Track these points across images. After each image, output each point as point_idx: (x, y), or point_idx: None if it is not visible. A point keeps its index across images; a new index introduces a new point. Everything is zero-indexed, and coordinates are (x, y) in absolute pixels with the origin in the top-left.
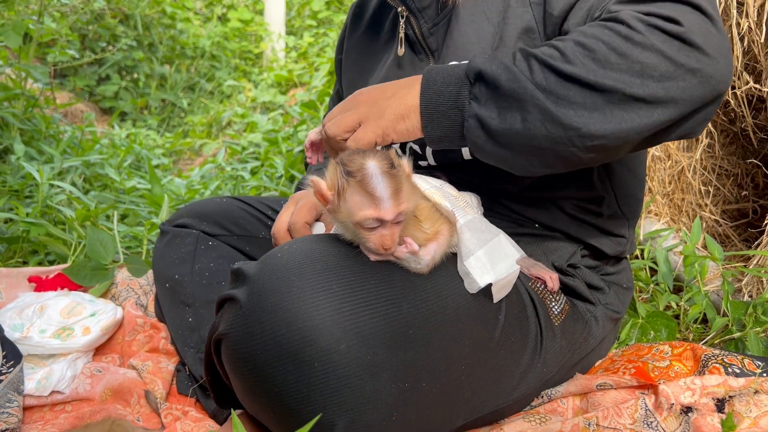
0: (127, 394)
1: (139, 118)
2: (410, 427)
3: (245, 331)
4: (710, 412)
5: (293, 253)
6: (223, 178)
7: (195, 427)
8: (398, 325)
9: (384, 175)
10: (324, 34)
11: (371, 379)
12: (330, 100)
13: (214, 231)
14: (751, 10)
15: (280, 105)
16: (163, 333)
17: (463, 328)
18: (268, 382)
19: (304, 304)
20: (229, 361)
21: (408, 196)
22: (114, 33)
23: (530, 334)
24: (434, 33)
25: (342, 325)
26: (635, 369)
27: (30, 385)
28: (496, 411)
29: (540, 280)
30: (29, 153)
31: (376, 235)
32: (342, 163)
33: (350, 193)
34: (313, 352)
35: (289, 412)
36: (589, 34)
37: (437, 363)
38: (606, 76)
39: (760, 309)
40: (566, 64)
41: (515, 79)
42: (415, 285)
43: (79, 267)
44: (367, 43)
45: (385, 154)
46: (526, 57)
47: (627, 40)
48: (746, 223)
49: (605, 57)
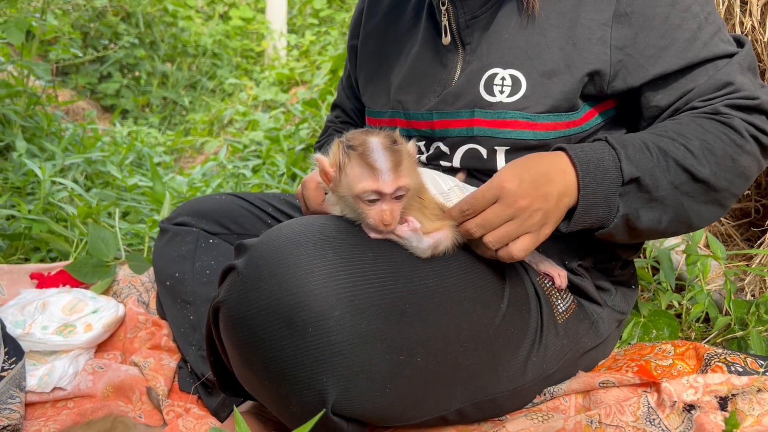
0: (128, 390)
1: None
2: (405, 401)
3: (241, 296)
4: (713, 410)
5: (293, 227)
6: (225, 176)
7: (197, 424)
8: (394, 298)
9: (385, 149)
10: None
11: (365, 348)
12: (339, 84)
13: (213, 229)
14: (755, 9)
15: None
16: (164, 330)
17: (462, 310)
18: (263, 347)
19: (300, 270)
20: (226, 328)
21: (409, 173)
22: (116, 31)
23: (530, 328)
24: (471, 26)
25: (337, 293)
26: (638, 367)
27: (32, 381)
28: (493, 400)
29: (548, 277)
30: (31, 150)
31: (376, 209)
32: (345, 139)
33: (351, 167)
34: (307, 317)
35: (283, 379)
36: (712, 136)
37: (433, 340)
38: (722, 177)
39: (763, 308)
40: (699, 167)
41: (663, 187)
42: (414, 263)
43: (80, 264)
44: (387, 30)
45: (389, 133)
46: (664, 156)
47: (740, 148)
48: (748, 222)
49: (723, 161)
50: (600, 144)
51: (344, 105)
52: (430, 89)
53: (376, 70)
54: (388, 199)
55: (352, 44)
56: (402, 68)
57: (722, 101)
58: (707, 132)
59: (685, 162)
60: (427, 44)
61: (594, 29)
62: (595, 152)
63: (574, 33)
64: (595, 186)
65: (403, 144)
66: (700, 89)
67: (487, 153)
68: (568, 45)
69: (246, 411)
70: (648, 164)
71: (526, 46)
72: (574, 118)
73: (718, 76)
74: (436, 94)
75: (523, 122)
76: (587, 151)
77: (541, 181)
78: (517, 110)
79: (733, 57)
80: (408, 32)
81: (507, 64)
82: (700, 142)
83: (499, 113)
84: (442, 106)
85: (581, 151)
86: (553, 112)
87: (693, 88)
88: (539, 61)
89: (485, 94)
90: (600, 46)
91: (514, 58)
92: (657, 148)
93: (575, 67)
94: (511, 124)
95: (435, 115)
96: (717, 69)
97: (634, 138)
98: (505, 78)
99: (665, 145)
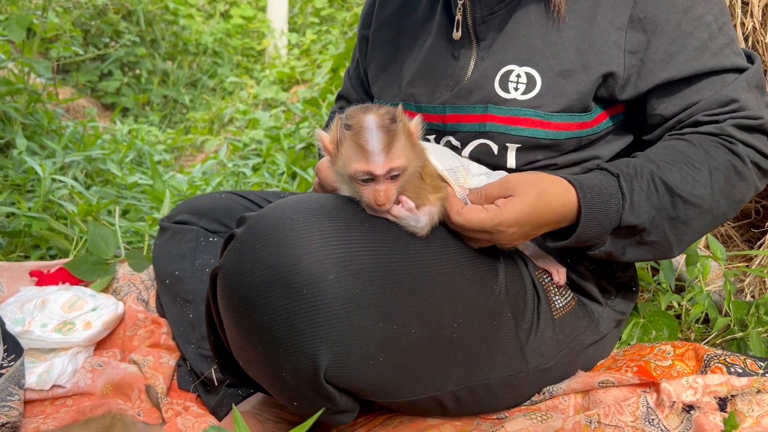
0: (127, 388)
1: (140, 114)
2: (399, 374)
3: (238, 260)
4: (712, 411)
5: (293, 199)
6: (225, 174)
7: (196, 422)
8: (389, 267)
9: (379, 129)
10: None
11: (359, 314)
12: (345, 75)
13: (213, 228)
14: (756, 10)
15: (282, 102)
16: (164, 328)
17: (456, 287)
18: (257, 310)
19: (296, 234)
20: (222, 293)
21: (404, 153)
22: (117, 29)
23: (525, 317)
24: (487, 21)
25: (332, 257)
26: (637, 368)
27: (31, 379)
28: (488, 386)
29: (547, 274)
30: (31, 148)
31: (370, 189)
32: (344, 116)
33: (346, 146)
34: (302, 279)
35: (277, 343)
36: (717, 163)
37: (427, 313)
38: (723, 205)
39: (763, 309)
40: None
41: (658, 233)
42: (410, 237)
43: (80, 261)
44: (400, 21)
45: (389, 109)
46: (671, 194)
47: (740, 176)
48: (749, 224)
49: (725, 189)
50: (610, 183)
51: (350, 96)
52: (443, 83)
53: (388, 61)
54: (382, 180)
55: (363, 34)
56: (415, 60)
57: (727, 120)
58: (714, 159)
59: (692, 196)
60: (441, 37)
61: (610, 32)
62: (603, 194)
63: (591, 34)
64: (594, 227)
65: (402, 122)
66: (704, 103)
67: (498, 149)
68: (584, 45)
69: (245, 411)
70: (651, 212)
71: (543, 45)
72: (586, 119)
73: (724, 92)
74: (448, 88)
75: (536, 120)
76: (596, 192)
77: (534, 230)
78: (531, 108)
79: (742, 74)
80: (422, 24)
81: (523, 62)
82: (708, 170)
83: (512, 110)
84: (455, 100)
85: (591, 191)
86: (567, 111)
87: (698, 101)
88: (555, 60)
89: (500, 90)
90: (615, 49)
91: (531, 56)
92: (664, 186)
93: (591, 68)
94: (525, 121)
95: (448, 109)
96: (724, 84)
97: (643, 173)
98: (521, 75)
99: (673, 178)
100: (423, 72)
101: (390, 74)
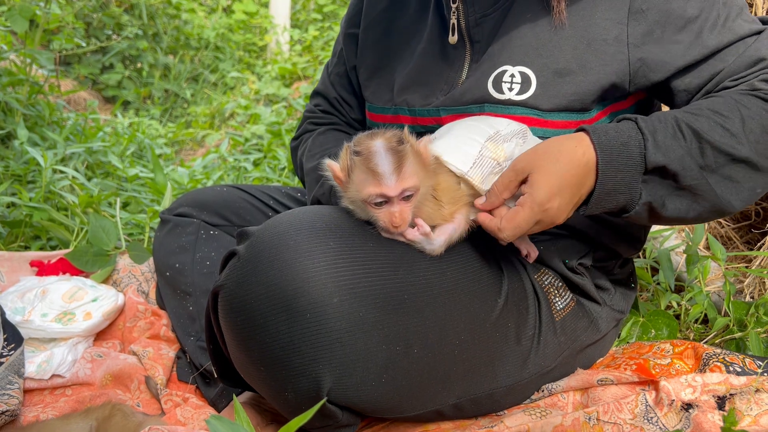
0: (127, 379)
1: (142, 107)
2: (400, 392)
3: (241, 280)
4: (711, 409)
5: (295, 215)
6: (226, 168)
7: (195, 413)
8: (393, 288)
9: (388, 151)
10: (329, 28)
11: (362, 337)
12: (323, 72)
13: (214, 221)
14: (760, 11)
15: (283, 98)
16: (164, 320)
17: (459, 304)
18: (260, 332)
19: (300, 256)
20: (224, 312)
21: (416, 173)
22: (119, 22)
23: (528, 324)
24: (481, 23)
25: (336, 280)
26: (636, 366)
27: (30, 368)
28: (490, 396)
29: (546, 275)
30: (32, 139)
31: (384, 212)
32: (352, 144)
33: (356, 172)
34: (306, 303)
35: (279, 365)
36: (751, 112)
37: (430, 332)
38: (763, 154)
39: (762, 309)
40: (738, 146)
41: (693, 175)
42: (415, 254)
43: (81, 252)
44: (390, 21)
45: (395, 132)
46: (698, 139)
47: None
48: (749, 225)
49: (762, 139)
50: (628, 126)
51: (328, 94)
52: (438, 87)
53: (379, 65)
54: (396, 201)
55: (351, 32)
56: (407, 65)
57: (756, 76)
58: (746, 108)
59: (722, 143)
60: (434, 41)
61: (609, 29)
62: (621, 136)
63: (588, 33)
64: (615, 173)
65: (410, 142)
66: (730, 69)
67: None
68: (581, 44)
69: (244, 401)
70: (678, 151)
71: (537, 44)
72: (585, 118)
73: (748, 53)
74: (443, 92)
75: (533, 119)
76: (611, 135)
77: (575, 191)
78: (528, 107)
79: (762, 33)
80: (413, 26)
81: (517, 62)
82: (740, 119)
83: (509, 108)
84: (449, 102)
85: (605, 135)
86: (565, 111)
87: (723, 68)
88: (551, 59)
89: (494, 91)
90: (617, 45)
91: (525, 56)
92: (690, 131)
93: (590, 69)
94: (521, 120)
95: (443, 111)
96: (747, 46)
97: (667, 119)
98: (515, 75)
99: (701, 125)
100: (417, 77)
101: (382, 79)
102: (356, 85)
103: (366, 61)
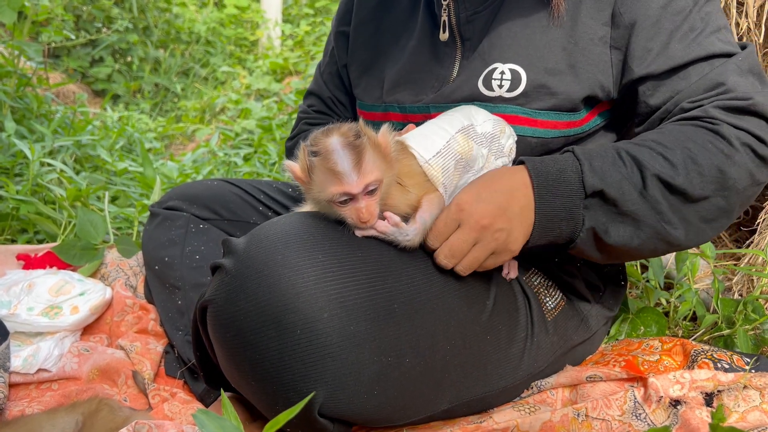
0: (114, 374)
1: (131, 101)
2: (393, 403)
3: (229, 296)
4: (699, 406)
5: (281, 226)
6: (216, 163)
7: (182, 408)
8: (383, 298)
9: (345, 148)
10: (321, 23)
11: (354, 350)
12: (316, 71)
13: (204, 215)
14: (751, 10)
15: (274, 93)
16: (152, 314)
17: (448, 308)
18: (250, 349)
19: (289, 272)
20: (213, 328)
21: (377, 165)
22: (109, 15)
23: (520, 326)
24: (472, 21)
25: (326, 294)
26: (625, 362)
27: (16, 362)
28: (482, 399)
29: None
30: (20, 131)
31: (351, 209)
32: (309, 144)
33: (316, 173)
34: (296, 318)
35: (270, 381)
36: (695, 144)
37: (421, 340)
38: (707, 189)
39: (750, 307)
40: (676, 176)
41: (633, 201)
42: (403, 261)
43: (68, 246)
44: (381, 19)
45: (350, 126)
46: (639, 166)
47: (728, 158)
48: (738, 223)
49: (709, 172)
50: (565, 156)
51: (321, 93)
52: (428, 84)
53: (370, 62)
54: (361, 197)
55: (342, 30)
56: (397, 62)
57: (711, 102)
58: (690, 140)
59: (661, 172)
60: (425, 38)
61: (595, 29)
62: (557, 164)
63: (575, 32)
64: (553, 198)
65: (367, 135)
66: (690, 89)
67: None
68: (570, 44)
69: (232, 395)
70: (616, 176)
71: (528, 43)
72: (575, 119)
73: (710, 75)
74: (434, 89)
75: (523, 118)
76: (548, 163)
77: (500, 198)
78: (518, 105)
79: (731, 57)
80: (404, 23)
81: (507, 59)
82: (682, 150)
83: (498, 107)
84: (440, 99)
85: (541, 163)
86: (554, 110)
87: (683, 89)
88: (541, 58)
89: (484, 89)
90: (602, 46)
91: (515, 54)
92: (631, 159)
93: (579, 69)
94: (511, 119)
95: (432, 109)
96: (712, 68)
97: (608, 148)
98: (505, 72)
99: (641, 155)
100: (407, 74)
101: (372, 76)
102: (348, 84)
103: (357, 58)
